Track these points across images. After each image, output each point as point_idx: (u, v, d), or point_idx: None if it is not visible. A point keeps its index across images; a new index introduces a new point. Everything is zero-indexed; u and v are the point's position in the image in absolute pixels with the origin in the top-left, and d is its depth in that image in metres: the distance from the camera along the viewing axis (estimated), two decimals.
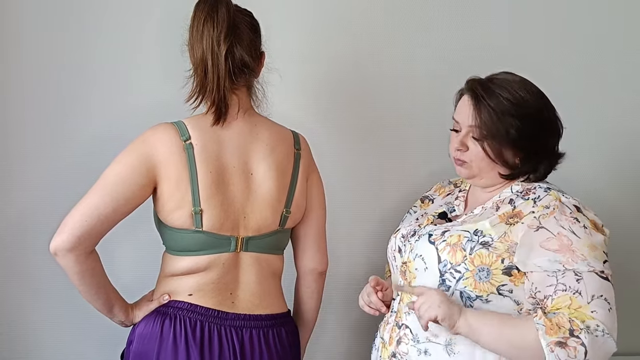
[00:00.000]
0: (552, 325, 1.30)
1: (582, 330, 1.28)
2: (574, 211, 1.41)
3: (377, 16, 2.08)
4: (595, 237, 1.39)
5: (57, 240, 1.43)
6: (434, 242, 1.48)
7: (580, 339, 1.28)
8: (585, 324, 1.30)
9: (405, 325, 1.49)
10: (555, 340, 1.28)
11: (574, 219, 1.40)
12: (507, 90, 1.47)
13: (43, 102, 1.97)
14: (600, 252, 1.38)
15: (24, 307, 1.98)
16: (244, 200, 1.56)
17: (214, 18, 1.48)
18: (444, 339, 1.43)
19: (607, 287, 1.36)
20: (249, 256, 1.59)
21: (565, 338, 1.28)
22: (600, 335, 1.30)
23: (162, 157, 1.50)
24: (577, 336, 1.28)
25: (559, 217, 1.40)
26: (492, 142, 1.46)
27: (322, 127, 2.03)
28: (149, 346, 1.52)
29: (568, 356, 1.28)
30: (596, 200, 1.64)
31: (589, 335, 1.28)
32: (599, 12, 2.16)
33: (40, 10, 1.96)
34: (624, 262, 2.21)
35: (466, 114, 1.49)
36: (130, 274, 1.82)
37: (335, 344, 2.11)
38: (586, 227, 1.39)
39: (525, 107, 1.46)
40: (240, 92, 1.57)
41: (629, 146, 2.19)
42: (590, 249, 1.37)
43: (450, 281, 1.44)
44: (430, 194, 1.73)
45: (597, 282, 1.34)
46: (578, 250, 1.36)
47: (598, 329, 1.30)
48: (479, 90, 1.48)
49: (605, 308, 1.33)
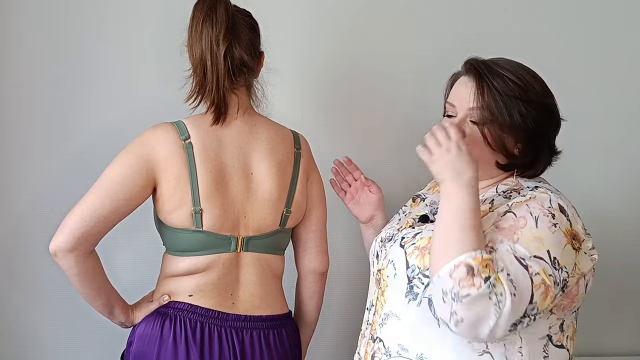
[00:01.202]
0: (486, 259, 1.15)
1: (487, 283, 1.13)
2: (555, 207, 1.26)
3: (376, 16, 2.08)
4: (555, 238, 1.22)
5: (57, 241, 1.43)
6: (403, 245, 1.36)
7: (479, 290, 1.12)
8: (494, 282, 1.13)
9: (379, 339, 1.37)
10: (472, 264, 1.14)
11: (550, 214, 1.24)
12: (511, 72, 1.34)
13: (42, 103, 1.97)
14: (543, 249, 1.20)
15: (24, 307, 1.98)
16: (244, 199, 1.55)
17: (213, 18, 1.48)
18: (414, 353, 1.29)
19: (518, 270, 1.17)
20: (250, 256, 1.58)
21: (479, 273, 1.13)
22: (494, 302, 1.13)
23: (161, 157, 1.49)
24: (485, 281, 1.13)
25: (533, 204, 1.26)
26: (493, 126, 1.33)
27: (322, 126, 2.03)
28: (149, 347, 1.52)
29: (458, 281, 1.13)
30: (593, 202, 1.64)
31: (486, 290, 1.12)
32: (594, 14, 2.17)
33: (39, 11, 1.96)
34: (624, 261, 2.22)
35: (466, 96, 1.35)
36: (130, 275, 1.82)
37: (335, 344, 2.11)
38: (556, 226, 1.23)
39: (530, 91, 1.34)
40: (239, 91, 1.57)
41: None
42: (533, 240, 1.20)
43: (418, 288, 1.30)
44: (423, 192, 1.62)
45: (512, 264, 1.17)
46: (520, 235, 1.21)
47: (497, 297, 1.13)
48: (483, 70, 1.35)
49: (512, 288, 1.15)
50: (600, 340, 2.23)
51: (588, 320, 1.90)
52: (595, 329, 2.21)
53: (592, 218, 1.58)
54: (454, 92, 1.43)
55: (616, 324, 2.26)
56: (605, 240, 2.16)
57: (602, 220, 2.14)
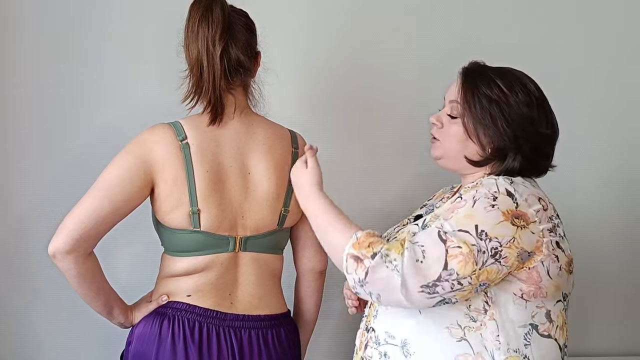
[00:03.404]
0: (363, 241, 1.29)
1: (378, 255, 1.25)
2: (501, 192, 1.32)
3: (373, 15, 2.08)
4: (488, 216, 1.28)
5: (55, 243, 1.44)
6: (389, 240, 1.39)
7: (372, 262, 1.25)
8: (386, 252, 1.25)
9: (372, 329, 1.44)
10: (354, 253, 1.28)
11: (492, 196, 1.31)
12: (499, 77, 1.42)
13: (43, 103, 1.97)
14: (471, 224, 1.27)
15: (24, 307, 1.99)
16: (241, 199, 1.55)
17: (209, 18, 1.48)
18: (399, 340, 1.37)
19: (435, 244, 1.26)
20: (248, 256, 1.58)
21: (364, 256, 1.26)
22: (391, 268, 1.24)
23: (158, 157, 1.49)
24: (372, 258, 1.25)
25: (480, 189, 1.33)
26: (469, 121, 1.41)
27: (320, 126, 2.03)
28: (147, 347, 1.52)
29: (354, 270, 1.27)
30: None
31: (379, 260, 1.25)
32: (595, 14, 2.16)
33: (38, 11, 1.96)
34: (624, 262, 2.21)
35: (453, 90, 1.46)
36: (129, 276, 1.83)
37: (336, 343, 2.11)
38: (494, 207, 1.29)
39: (511, 97, 1.40)
40: (236, 92, 1.57)
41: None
42: (465, 217, 1.28)
43: None
44: (431, 202, 1.66)
45: (430, 236, 1.27)
46: (455, 214, 1.30)
47: (393, 263, 1.24)
48: (473, 70, 1.45)
49: (415, 254, 1.25)
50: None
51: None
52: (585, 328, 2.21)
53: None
54: (447, 90, 1.50)
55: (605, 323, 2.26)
56: (605, 240, 2.19)
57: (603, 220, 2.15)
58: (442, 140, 1.47)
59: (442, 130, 1.47)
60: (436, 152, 1.50)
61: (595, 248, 2.16)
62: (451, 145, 1.45)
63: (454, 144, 1.45)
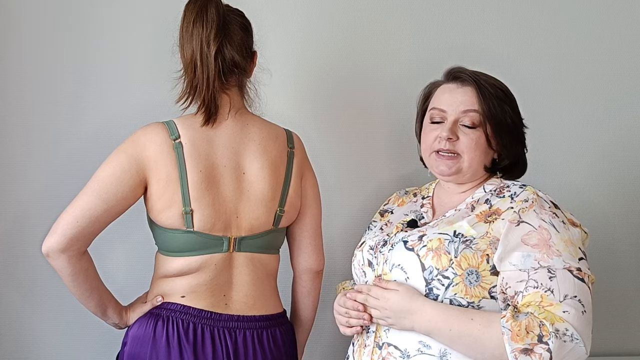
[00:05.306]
0: (519, 330, 1.23)
1: (550, 335, 1.21)
2: (552, 206, 1.37)
3: (371, 15, 2.07)
4: (572, 232, 1.34)
5: (49, 242, 1.44)
6: (412, 248, 1.39)
7: (547, 345, 1.21)
8: (555, 327, 1.22)
9: (387, 344, 1.39)
10: (521, 348, 1.22)
11: (553, 214, 1.35)
12: (493, 80, 1.48)
13: (39, 103, 1.97)
14: (576, 248, 1.33)
15: (24, 307, 1.98)
16: (236, 199, 1.55)
17: (204, 18, 1.48)
18: (437, 350, 1.33)
19: (582, 288, 1.28)
20: (243, 256, 1.58)
21: (532, 345, 1.21)
22: (569, 340, 1.22)
23: (152, 156, 1.49)
24: (545, 342, 1.21)
25: (539, 210, 1.35)
26: (489, 128, 1.43)
27: (317, 125, 2.02)
28: (142, 348, 1.52)
29: None
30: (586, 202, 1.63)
31: (556, 340, 1.21)
32: (595, 14, 2.15)
33: (36, 11, 1.96)
34: (623, 262, 2.20)
35: (462, 100, 1.44)
36: (124, 276, 1.83)
37: (333, 344, 2.10)
38: (564, 222, 1.35)
39: (510, 96, 1.48)
40: (231, 92, 1.57)
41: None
42: (566, 243, 1.31)
43: (438, 289, 1.34)
44: (388, 206, 1.65)
45: (571, 282, 1.27)
46: (555, 245, 1.30)
47: (567, 333, 1.22)
48: (478, 77, 1.46)
49: (578, 310, 1.25)
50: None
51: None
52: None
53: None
54: (442, 98, 1.49)
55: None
56: (605, 240, 2.18)
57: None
58: (464, 154, 1.44)
59: (459, 142, 1.43)
60: (453, 167, 1.45)
61: (596, 247, 2.15)
62: (476, 157, 1.44)
63: (478, 155, 1.44)
